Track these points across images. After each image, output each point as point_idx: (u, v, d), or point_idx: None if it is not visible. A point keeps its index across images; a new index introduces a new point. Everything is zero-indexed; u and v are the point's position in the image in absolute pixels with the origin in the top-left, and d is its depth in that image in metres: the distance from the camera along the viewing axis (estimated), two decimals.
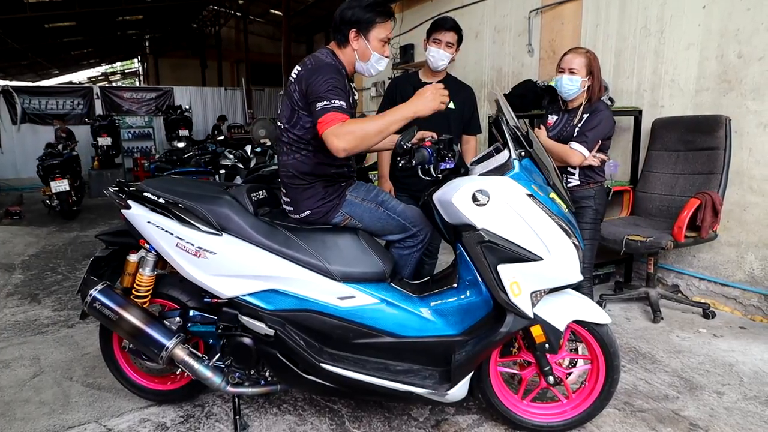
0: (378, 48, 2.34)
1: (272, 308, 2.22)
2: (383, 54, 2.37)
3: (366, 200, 2.40)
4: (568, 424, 2.34)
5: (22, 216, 8.38)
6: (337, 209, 2.36)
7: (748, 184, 3.70)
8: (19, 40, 15.07)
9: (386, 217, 2.41)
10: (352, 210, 2.38)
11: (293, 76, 2.29)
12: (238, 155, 7.60)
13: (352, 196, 2.39)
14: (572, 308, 2.21)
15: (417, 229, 2.46)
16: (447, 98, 2.14)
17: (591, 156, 2.96)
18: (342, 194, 2.38)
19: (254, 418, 2.50)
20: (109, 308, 2.28)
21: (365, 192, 2.43)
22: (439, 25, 3.18)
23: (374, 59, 2.36)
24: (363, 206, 2.39)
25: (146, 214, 2.27)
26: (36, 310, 4.04)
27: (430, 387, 2.17)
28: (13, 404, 2.67)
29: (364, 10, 2.27)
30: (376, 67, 2.41)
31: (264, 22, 22.07)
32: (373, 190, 2.47)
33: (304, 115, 2.25)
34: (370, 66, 2.39)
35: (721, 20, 3.77)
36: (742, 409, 2.54)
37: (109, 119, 12.19)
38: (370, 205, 2.40)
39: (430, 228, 2.49)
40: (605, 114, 3.00)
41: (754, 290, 3.71)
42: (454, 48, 3.18)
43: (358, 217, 2.38)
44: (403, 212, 2.45)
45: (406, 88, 3.28)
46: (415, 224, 2.46)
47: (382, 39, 2.33)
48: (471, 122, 3.35)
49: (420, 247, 2.51)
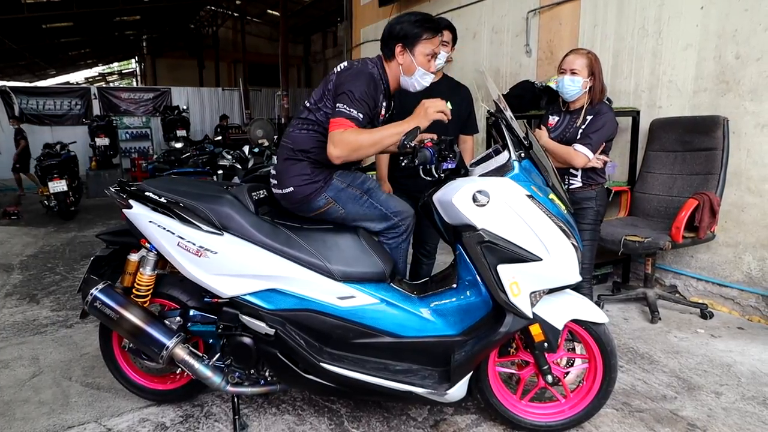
0: (423, 63, 2.35)
1: (273, 308, 2.22)
2: (428, 69, 2.38)
3: (352, 186, 2.41)
4: (566, 423, 2.35)
5: (20, 216, 8.37)
6: (321, 192, 2.36)
7: (746, 184, 3.71)
8: (16, 40, 15.08)
9: (369, 206, 2.42)
10: (336, 194, 2.38)
11: (338, 68, 2.37)
12: (236, 156, 7.59)
13: (338, 181, 2.40)
14: (570, 307, 2.23)
15: (398, 218, 2.46)
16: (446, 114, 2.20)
17: (594, 158, 2.96)
18: (329, 178, 2.38)
19: (253, 418, 2.50)
20: (110, 307, 2.28)
21: (352, 178, 2.44)
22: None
23: (419, 74, 2.37)
24: (348, 192, 2.40)
25: (148, 213, 2.27)
26: (35, 310, 4.04)
27: (429, 387, 2.18)
28: (12, 404, 2.67)
29: (412, 26, 2.31)
30: (421, 83, 2.41)
31: (261, 22, 22.08)
32: (359, 177, 2.48)
33: (329, 105, 2.30)
34: (414, 80, 2.40)
35: (719, 21, 3.78)
36: (740, 410, 2.56)
37: (107, 120, 12.17)
38: (355, 191, 2.41)
39: (412, 219, 2.51)
40: (609, 116, 3.00)
41: (751, 291, 3.73)
42: (450, 47, 3.18)
43: (342, 202, 2.39)
44: (386, 201, 2.46)
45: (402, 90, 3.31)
46: (397, 214, 2.46)
47: (427, 54, 2.35)
48: (468, 122, 3.35)
49: (404, 237, 2.51)
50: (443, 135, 2.35)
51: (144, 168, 10.85)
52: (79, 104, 14.13)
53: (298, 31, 21.40)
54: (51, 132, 13.37)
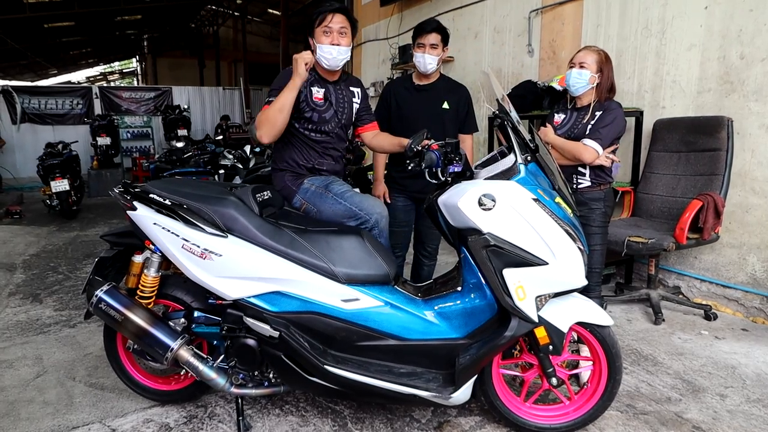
0: (321, 40, 2.63)
1: (277, 310, 2.22)
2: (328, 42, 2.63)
3: (318, 187, 2.67)
4: (571, 425, 2.35)
5: (23, 215, 8.37)
6: (295, 195, 2.69)
7: (750, 185, 3.71)
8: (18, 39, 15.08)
9: (335, 203, 2.60)
10: (306, 195, 2.67)
11: None
12: (237, 155, 7.59)
13: (307, 184, 2.69)
14: (575, 310, 2.22)
15: (365, 213, 2.56)
16: (308, 57, 2.45)
17: (604, 155, 2.94)
18: (300, 182, 2.70)
19: (257, 419, 2.50)
20: (115, 309, 2.28)
21: (320, 181, 2.71)
22: (421, 29, 3.21)
23: (320, 50, 2.63)
24: (314, 191, 2.66)
25: (152, 215, 2.27)
26: (38, 310, 4.04)
27: (433, 390, 2.17)
28: (17, 404, 2.67)
29: (314, 17, 2.66)
30: (326, 56, 2.64)
31: (262, 21, 22.05)
32: (328, 179, 2.73)
33: None
34: (320, 56, 2.65)
35: (723, 21, 3.77)
36: (745, 412, 2.55)
37: (108, 119, 12.14)
38: (321, 190, 2.65)
39: (383, 214, 2.61)
40: (619, 112, 2.98)
41: (756, 292, 3.72)
42: (440, 49, 3.19)
43: (312, 201, 2.65)
44: (352, 198, 2.61)
45: (399, 90, 3.36)
46: (364, 209, 2.57)
47: (322, 30, 2.63)
48: (466, 121, 3.36)
49: (376, 233, 2.57)
50: (442, 134, 2.43)
51: (145, 167, 10.85)
52: (80, 104, 14.09)
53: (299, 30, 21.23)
54: (53, 131, 13.33)
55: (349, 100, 2.83)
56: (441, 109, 3.26)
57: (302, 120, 2.69)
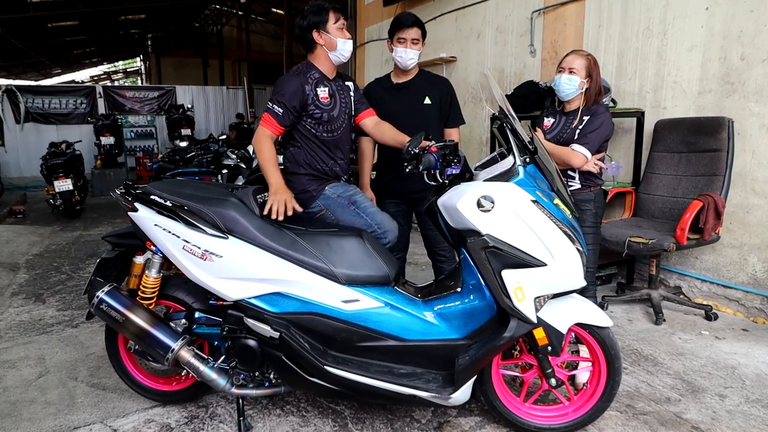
0: (339, 34, 2.68)
1: (277, 311, 2.23)
2: (346, 38, 2.70)
3: (340, 197, 2.68)
4: (570, 426, 2.35)
5: (26, 215, 8.41)
6: (315, 200, 2.69)
7: (751, 186, 3.70)
8: (22, 39, 15.14)
9: (357, 216, 2.63)
10: (327, 203, 2.68)
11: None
12: (241, 155, 7.59)
13: (329, 191, 2.69)
14: (574, 311, 2.23)
15: (380, 230, 2.63)
16: (290, 206, 2.41)
17: (592, 162, 2.98)
18: (321, 188, 2.70)
19: (258, 419, 2.52)
20: (116, 310, 2.30)
21: (342, 189, 2.72)
22: (401, 23, 3.13)
23: (340, 44, 2.68)
24: (336, 201, 2.67)
25: (153, 216, 2.29)
26: (40, 310, 4.06)
27: (433, 390, 2.18)
28: (19, 404, 2.69)
29: (316, 15, 2.65)
30: (344, 52, 2.72)
31: (266, 20, 22.08)
32: (350, 189, 2.74)
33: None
34: (339, 53, 2.71)
35: (724, 22, 3.77)
36: (744, 413, 2.55)
37: (112, 118, 12.18)
38: (343, 201, 2.67)
39: (396, 234, 2.70)
40: (606, 116, 3.05)
41: (756, 292, 3.72)
42: (420, 44, 3.14)
43: (333, 209, 2.67)
44: (373, 214, 2.66)
45: (377, 91, 3.29)
46: (381, 226, 2.64)
47: (339, 27, 2.67)
48: (451, 114, 3.26)
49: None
50: (425, 130, 2.44)
51: (149, 167, 10.88)
52: (84, 103, 14.14)
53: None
54: (56, 131, 13.39)
55: (347, 94, 2.85)
56: (423, 105, 3.17)
57: (313, 122, 2.68)
